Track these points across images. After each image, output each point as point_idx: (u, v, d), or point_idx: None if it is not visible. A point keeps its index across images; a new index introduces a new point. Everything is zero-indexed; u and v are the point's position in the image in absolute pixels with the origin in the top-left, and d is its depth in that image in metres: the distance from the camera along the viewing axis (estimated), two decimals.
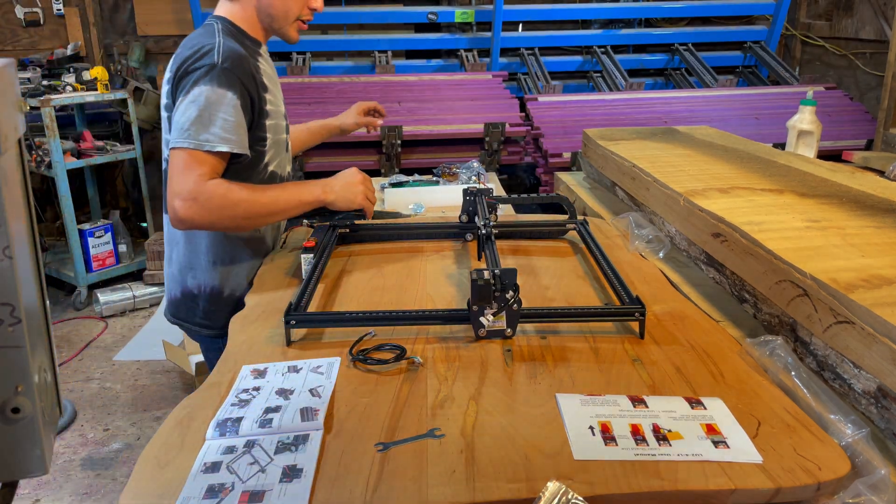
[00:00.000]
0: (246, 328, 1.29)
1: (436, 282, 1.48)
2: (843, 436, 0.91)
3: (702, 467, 0.86)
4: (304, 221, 1.81)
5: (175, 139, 1.42)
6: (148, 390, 3.20)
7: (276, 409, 1.00)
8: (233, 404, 1.02)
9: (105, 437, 2.85)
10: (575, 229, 1.74)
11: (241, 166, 1.54)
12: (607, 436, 0.92)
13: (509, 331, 1.20)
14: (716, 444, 0.90)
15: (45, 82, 3.95)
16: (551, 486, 0.75)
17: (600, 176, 2.24)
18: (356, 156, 3.39)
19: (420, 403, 1.01)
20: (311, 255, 1.49)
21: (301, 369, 1.12)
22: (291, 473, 0.86)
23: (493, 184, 2.68)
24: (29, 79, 3.94)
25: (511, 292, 1.17)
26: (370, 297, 1.41)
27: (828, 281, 1.05)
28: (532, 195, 3.13)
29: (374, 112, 2.11)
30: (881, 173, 2.30)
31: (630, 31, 4.58)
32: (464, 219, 1.75)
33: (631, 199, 1.94)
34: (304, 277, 1.44)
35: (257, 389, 1.06)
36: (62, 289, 4.24)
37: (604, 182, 2.22)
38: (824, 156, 2.43)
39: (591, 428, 0.94)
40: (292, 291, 1.39)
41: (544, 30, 4.59)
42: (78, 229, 3.96)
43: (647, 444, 0.90)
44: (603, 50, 4.44)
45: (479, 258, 1.59)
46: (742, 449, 0.89)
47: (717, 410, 0.98)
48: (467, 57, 4.29)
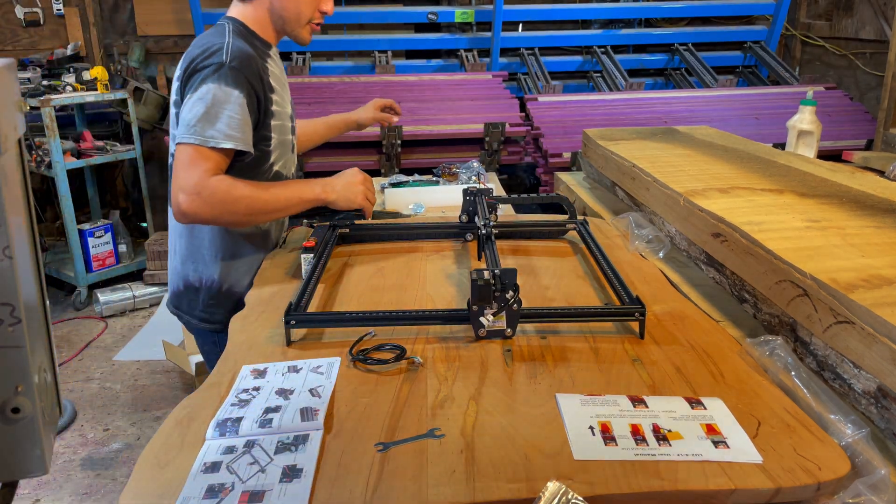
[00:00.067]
0: (246, 328, 1.29)
1: (436, 282, 1.48)
2: (843, 436, 0.91)
3: (702, 467, 0.86)
4: (304, 221, 1.81)
5: (181, 135, 1.45)
6: (148, 390, 3.20)
7: (276, 409, 1.00)
8: (233, 404, 1.02)
9: (105, 437, 2.85)
10: (575, 229, 1.74)
11: (247, 165, 1.56)
12: (607, 436, 0.92)
13: (509, 331, 1.20)
14: (716, 444, 0.90)
15: (45, 82, 3.95)
16: (551, 486, 0.75)
17: (600, 176, 2.24)
18: (356, 156, 3.40)
19: (420, 403, 1.01)
20: (311, 255, 1.49)
21: (301, 369, 1.12)
22: (291, 473, 0.86)
23: (493, 184, 2.68)
24: (29, 79, 3.94)
25: (511, 292, 1.17)
26: (370, 297, 1.41)
27: (828, 281, 1.05)
28: (532, 195, 3.13)
29: (390, 109, 2.14)
30: (881, 173, 2.30)
31: (630, 31, 4.58)
32: (464, 219, 1.75)
33: (631, 199, 1.93)
34: (304, 277, 1.44)
35: (257, 389, 1.06)
36: (62, 289, 4.24)
37: (604, 182, 2.22)
38: (824, 156, 2.43)
39: (591, 428, 0.94)
40: (292, 291, 1.39)
41: (544, 30, 4.59)
42: (78, 229, 3.96)
43: (647, 444, 0.90)
44: (603, 50, 4.44)
45: (479, 258, 1.59)
46: (742, 449, 0.89)
47: (717, 410, 0.98)
48: (467, 57, 4.29)
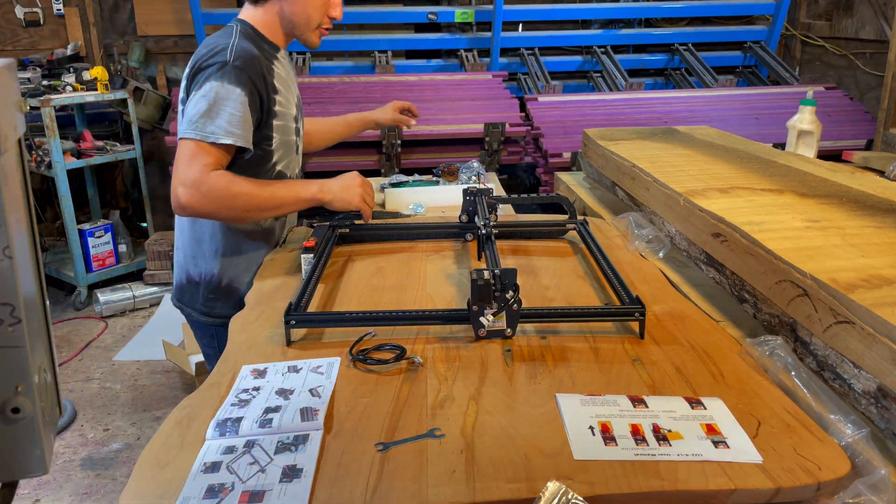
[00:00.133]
0: (246, 328, 1.29)
1: (436, 282, 1.48)
2: (843, 436, 0.91)
3: (702, 467, 0.86)
4: (305, 221, 1.82)
5: (184, 130, 1.50)
6: (148, 390, 3.20)
7: (276, 409, 1.00)
8: (233, 404, 1.02)
9: (105, 437, 2.85)
10: (575, 229, 1.74)
11: (249, 164, 1.60)
12: (607, 436, 0.92)
13: (509, 331, 1.20)
14: (716, 444, 0.90)
15: (45, 82, 3.95)
16: (551, 486, 0.75)
17: (600, 176, 2.24)
18: (356, 156, 3.39)
19: (420, 403, 1.01)
20: (311, 255, 1.49)
21: (301, 369, 1.12)
22: (291, 473, 0.86)
23: (493, 184, 2.68)
24: (29, 79, 3.94)
25: (511, 292, 1.17)
26: (370, 297, 1.41)
27: (828, 281, 1.05)
28: (532, 195, 3.13)
29: (408, 111, 2.18)
30: (881, 173, 2.30)
31: (630, 31, 4.58)
32: (464, 219, 1.75)
33: (631, 199, 1.93)
34: (304, 277, 1.44)
35: (257, 389, 1.06)
36: (62, 289, 4.24)
37: (604, 182, 2.22)
38: (824, 156, 2.43)
39: (591, 428, 0.94)
40: (292, 291, 1.39)
41: (544, 30, 4.59)
42: (78, 229, 3.96)
43: (647, 444, 0.90)
44: (603, 50, 4.44)
45: (479, 258, 1.59)
46: (742, 449, 0.89)
47: (717, 410, 0.98)
48: (467, 57, 4.28)
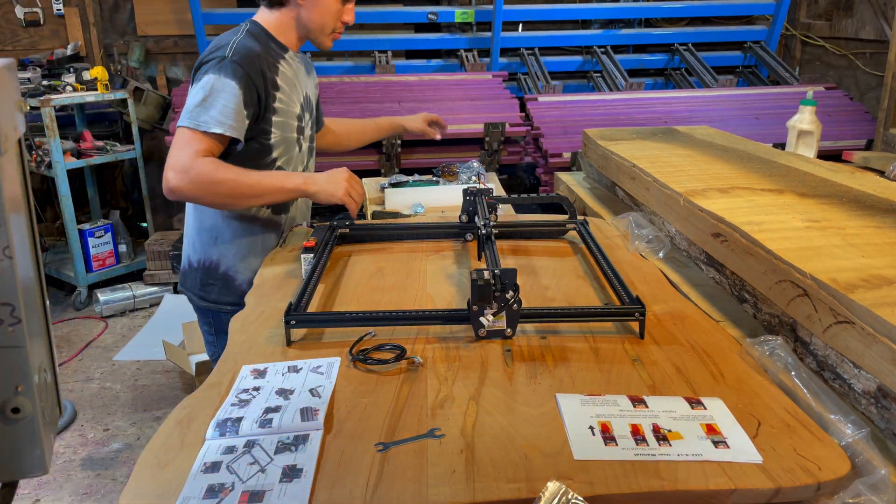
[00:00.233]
0: (246, 328, 1.29)
1: (436, 282, 1.48)
2: (843, 436, 0.91)
3: (702, 467, 0.86)
4: (305, 222, 1.82)
5: (181, 119, 1.58)
6: (148, 390, 3.20)
7: (276, 409, 1.00)
8: (233, 404, 1.02)
9: (105, 437, 2.85)
10: (575, 229, 1.74)
11: (247, 156, 1.67)
12: (607, 436, 0.92)
13: (509, 331, 1.20)
14: (716, 444, 0.90)
15: (45, 82, 3.95)
16: (551, 486, 0.75)
17: (600, 176, 2.24)
18: (356, 155, 3.39)
19: (420, 403, 1.01)
20: (311, 255, 1.49)
21: (301, 369, 1.12)
22: (291, 473, 0.86)
23: (493, 184, 2.68)
24: (29, 79, 3.94)
25: (511, 292, 1.17)
26: (370, 297, 1.41)
27: (828, 281, 1.05)
28: (532, 195, 3.13)
29: (436, 124, 2.26)
30: (881, 173, 2.30)
31: (630, 31, 4.58)
32: (464, 219, 1.75)
33: (631, 199, 1.93)
34: (304, 277, 1.44)
35: (257, 389, 1.06)
36: (62, 289, 4.24)
37: (604, 182, 2.22)
38: (824, 156, 2.43)
39: (591, 428, 0.94)
40: (292, 291, 1.39)
41: (544, 30, 4.59)
42: (78, 229, 3.96)
43: (647, 444, 0.90)
44: (603, 50, 4.44)
45: (479, 258, 1.59)
46: (742, 449, 0.89)
47: (717, 410, 0.98)
48: (467, 57, 4.28)
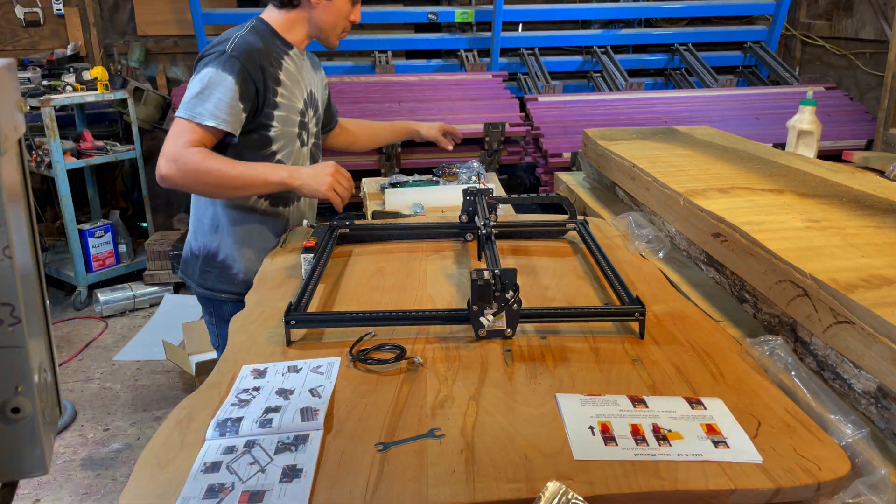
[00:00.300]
0: (246, 328, 1.29)
1: (436, 282, 1.48)
2: (843, 436, 0.91)
3: (702, 467, 0.86)
4: (305, 222, 1.83)
5: (178, 109, 1.64)
6: (148, 390, 3.20)
7: (276, 409, 1.00)
8: (233, 404, 1.02)
9: (105, 437, 2.85)
10: (575, 229, 1.74)
11: (247, 147, 1.72)
12: (607, 436, 0.92)
13: (509, 331, 1.20)
14: (716, 444, 0.90)
15: (45, 82, 3.95)
16: (551, 486, 0.75)
17: (600, 176, 2.24)
18: (356, 155, 3.39)
19: (420, 403, 1.01)
20: (311, 255, 1.49)
21: (301, 369, 1.12)
22: (291, 473, 0.86)
23: (493, 184, 2.67)
24: (29, 79, 3.94)
25: (511, 292, 1.17)
26: (370, 297, 1.41)
27: (828, 281, 1.05)
28: (532, 195, 3.13)
29: (450, 135, 2.34)
30: (881, 173, 2.30)
31: (630, 31, 4.58)
32: (464, 219, 1.75)
33: (631, 199, 1.93)
34: (304, 277, 1.44)
35: (257, 389, 1.06)
36: (62, 289, 4.24)
37: (604, 182, 2.22)
38: (824, 156, 2.43)
39: (591, 428, 0.94)
40: (292, 291, 1.39)
41: (544, 30, 4.59)
42: (78, 229, 3.96)
43: (647, 444, 0.90)
44: (603, 50, 4.43)
45: (479, 258, 1.59)
46: (742, 449, 0.89)
47: (717, 410, 0.98)
48: (467, 57, 4.28)
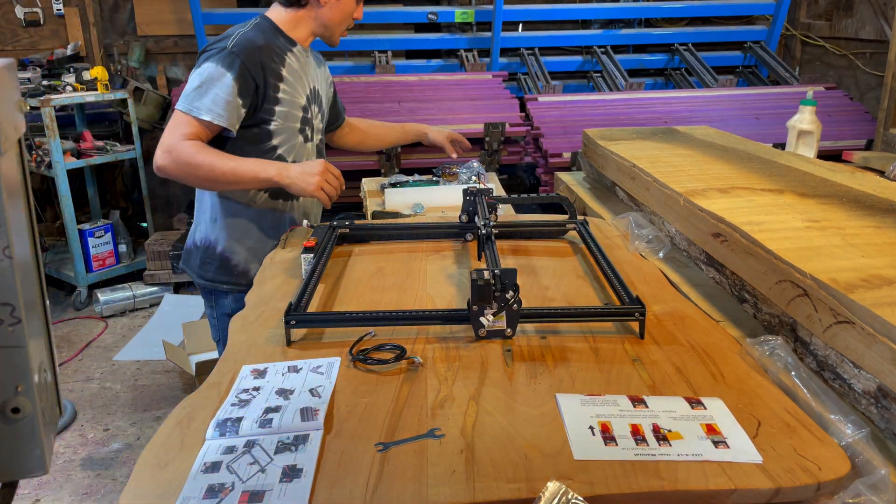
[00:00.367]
0: (246, 328, 1.29)
1: (436, 282, 1.48)
2: (843, 436, 0.91)
3: (702, 467, 0.86)
4: (305, 222, 1.83)
5: (178, 102, 1.69)
6: (148, 390, 3.20)
7: (276, 409, 1.00)
8: (233, 404, 1.02)
9: (105, 437, 2.85)
10: (575, 229, 1.74)
11: (247, 141, 1.76)
12: (607, 436, 0.92)
13: (509, 331, 1.20)
14: (716, 444, 0.90)
15: (45, 82, 3.95)
16: (551, 486, 0.75)
17: (600, 176, 2.24)
18: (356, 155, 3.39)
19: (420, 403, 1.01)
20: (311, 255, 1.49)
21: (301, 369, 1.12)
22: (291, 473, 0.86)
23: (493, 184, 2.67)
24: (29, 79, 3.94)
25: (511, 292, 1.17)
26: (370, 297, 1.41)
27: (828, 281, 1.05)
28: (532, 195, 3.13)
29: (457, 143, 2.37)
30: (881, 173, 2.30)
31: (630, 31, 4.58)
32: (464, 219, 1.75)
33: (631, 199, 1.93)
34: (303, 277, 1.44)
35: (257, 389, 1.06)
36: (62, 289, 4.24)
37: (604, 182, 2.22)
38: (824, 156, 2.43)
39: (591, 428, 0.94)
40: (292, 291, 1.39)
41: (544, 30, 4.59)
42: (78, 229, 3.96)
43: (647, 444, 0.90)
44: (603, 50, 4.43)
45: (479, 258, 1.59)
46: (742, 449, 0.89)
47: (717, 410, 0.98)
48: (467, 57, 4.28)
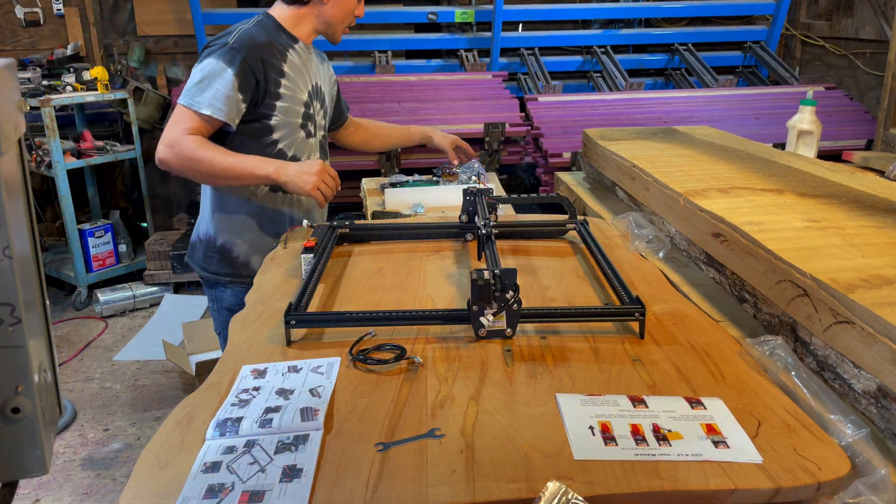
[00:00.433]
0: (246, 328, 1.29)
1: (436, 282, 1.48)
2: (843, 436, 0.91)
3: (702, 467, 0.86)
4: (305, 222, 1.83)
5: (180, 96, 1.72)
6: (148, 390, 3.20)
7: (276, 409, 1.00)
8: (233, 404, 1.02)
9: (105, 437, 2.85)
10: (575, 229, 1.74)
11: (248, 135, 1.79)
12: (607, 436, 0.92)
13: (509, 331, 1.20)
14: (716, 444, 0.90)
15: (45, 82, 3.95)
16: (551, 486, 0.75)
17: (600, 176, 2.24)
18: (356, 155, 3.39)
19: (420, 403, 1.01)
20: (311, 255, 1.49)
21: (301, 369, 1.12)
22: (291, 473, 0.86)
23: (493, 184, 2.67)
24: (29, 79, 3.94)
25: (511, 292, 1.17)
26: (370, 297, 1.41)
27: (828, 281, 1.05)
28: (532, 195, 3.13)
29: (462, 151, 2.37)
30: (881, 173, 2.30)
31: (630, 31, 4.58)
32: (464, 219, 1.75)
33: (631, 199, 1.93)
34: (304, 277, 1.44)
35: (257, 389, 1.06)
36: (62, 289, 4.24)
37: (604, 182, 2.22)
38: (824, 156, 2.42)
39: (591, 428, 0.94)
40: (292, 291, 1.39)
41: (544, 30, 4.59)
42: (78, 229, 3.96)
43: (647, 444, 0.90)
44: (603, 50, 4.43)
45: (479, 258, 1.59)
46: (742, 449, 0.89)
47: (717, 410, 0.98)
48: (467, 57, 4.28)
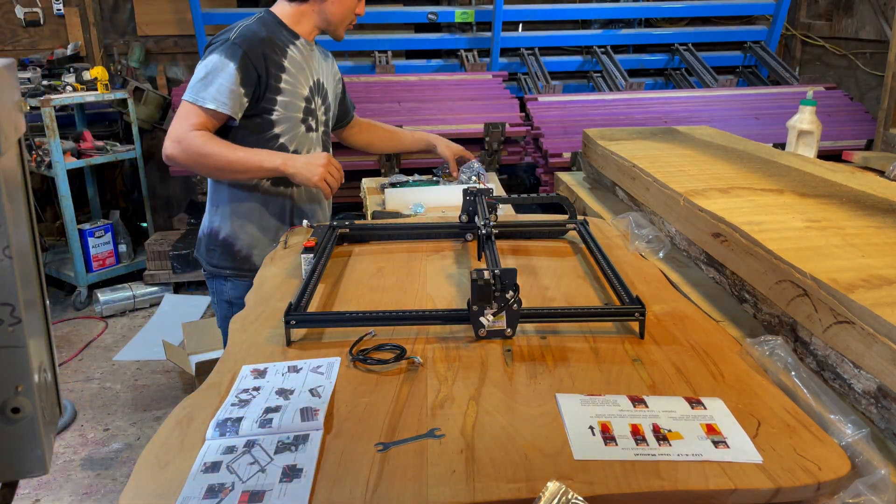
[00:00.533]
0: (246, 328, 1.29)
1: (436, 282, 1.48)
2: (843, 436, 0.91)
3: (702, 467, 0.86)
4: (305, 222, 1.83)
5: (185, 93, 1.75)
6: (148, 390, 3.20)
7: (276, 409, 1.00)
8: (233, 404, 1.02)
9: (105, 437, 2.85)
10: (575, 229, 1.74)
11: (250, 130, 1.82)
12: (607, 436, 0.92)
13: (509, 331, 1.20)
14: (716, 444, 0.90)
15: (45, 82, 3.95)
16: (551, 486, 0.75)
17: (600, 176, 2.24)
18: (356, 155, 3.39)
19: (420, 403, 1.01)
20: (311, 255, 1.49)
21: (301, 369, 1.12)
22: (291, 473, 0.86)
23: (493, 184, 2.67)
24: (29, 79, 3.94)
25: (511, 292, 1.17)
26: (370, 297, 1.41)
27: (828, 281, 1.05)
28: (532, 195, 3.13)
29: (464, 161, 2.37)
30: (881, 173, 2.30)
31: (630, 31, 4.58)
32: (464, 219, 1.75)
33: (631, 199, 1.93)
34: (304, 277, 1.44)
35: (257, 389, 1.06)
36: (62, 289, 4.24)
37: (604, 182, 2.22)
38: (824, 156, 2.43)
39: (591, 428, 0.94)
40: (292, 291, 1.39)
41: (544, 30, 4.59)
42: (78, 229, 3.96)
43: (647, 444, 0.90)
44: (603, 50, 4.43)
45: (479, 258, 1.59)
46: (742, 449, 0.89)
47: (717, 410, 0.98)
48: (467, 57, 4.28)
